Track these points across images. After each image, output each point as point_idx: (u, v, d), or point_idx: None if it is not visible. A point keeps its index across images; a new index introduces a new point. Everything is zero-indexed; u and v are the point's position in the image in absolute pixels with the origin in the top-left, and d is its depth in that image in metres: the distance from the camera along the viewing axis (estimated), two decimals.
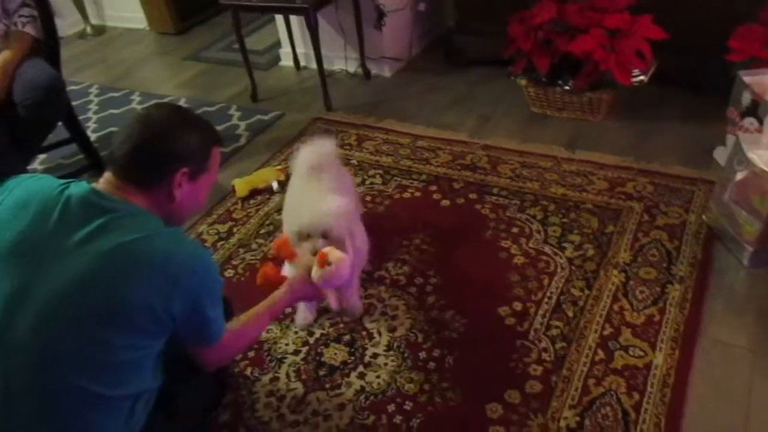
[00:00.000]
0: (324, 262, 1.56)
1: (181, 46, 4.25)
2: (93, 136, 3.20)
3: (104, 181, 1.21)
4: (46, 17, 2.32)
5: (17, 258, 1.11)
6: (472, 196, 2.36)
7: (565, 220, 2.18)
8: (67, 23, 4.73)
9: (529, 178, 2.42)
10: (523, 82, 2.73)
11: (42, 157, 2.95)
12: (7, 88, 2.16)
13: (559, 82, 2.63)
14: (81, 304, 1.08)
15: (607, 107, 2.68)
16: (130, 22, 4.68)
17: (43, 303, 1.08)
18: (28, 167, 2.52)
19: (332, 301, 1.82)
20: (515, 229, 2.17)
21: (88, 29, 4.65)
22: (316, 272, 1.57)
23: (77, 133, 2.59)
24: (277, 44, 3.74)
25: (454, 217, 2.27)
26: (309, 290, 1.60)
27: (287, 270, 1.72)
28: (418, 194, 2.41)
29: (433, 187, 2.43)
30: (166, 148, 1.22)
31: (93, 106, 3.53)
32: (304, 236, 1.65)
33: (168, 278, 1.11)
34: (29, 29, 2.28)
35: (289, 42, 3.51)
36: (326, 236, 1.64)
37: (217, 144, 1.35)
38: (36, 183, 1.21)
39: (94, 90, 3.70)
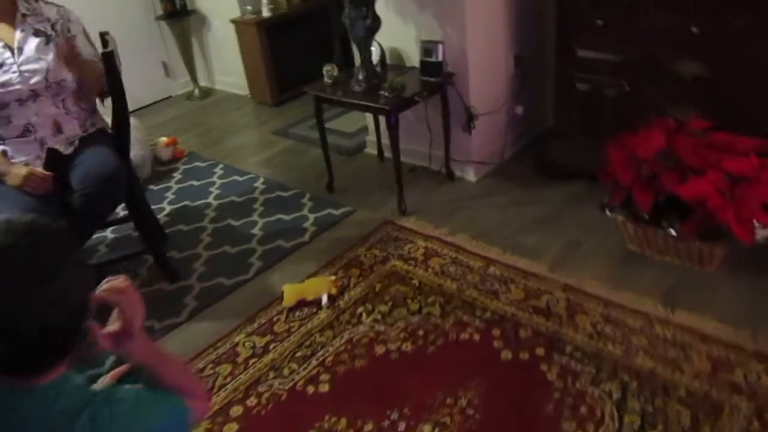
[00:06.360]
0: None
1: (275, 118, 4.28)
2: (168, 208, 3.21)
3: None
4: (120, 104, 2.26)
5: None
6: (539, 351, 2.02)
7: (647, 406, 1.78)
8: (178, 84, 4.95)
9: (611, 339, 2.04)
10: (619, 218, 2.37)
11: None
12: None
13: (663, 224, 2.25)
14: None
15: (720, 259, 2.26)
16: (234, 88, 4.80)
17: None
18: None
19: None
20: (584, 408, 1.80)
21: (196, 91, 4.82)
22: None
23: (137, 214, 2.50)
24: (365, 129, 3.62)
25: (513, 378, 1.94)
26: None
27: None
28: (477, 337, 2.11)
29: (496, 331, 2.12)
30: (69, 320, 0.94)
31: (177, 175, 3.56)
32: None
33: None
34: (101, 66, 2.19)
35: (375, 131, 3.37)
36: None
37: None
38: None
39: (182, 158, 3.76)
